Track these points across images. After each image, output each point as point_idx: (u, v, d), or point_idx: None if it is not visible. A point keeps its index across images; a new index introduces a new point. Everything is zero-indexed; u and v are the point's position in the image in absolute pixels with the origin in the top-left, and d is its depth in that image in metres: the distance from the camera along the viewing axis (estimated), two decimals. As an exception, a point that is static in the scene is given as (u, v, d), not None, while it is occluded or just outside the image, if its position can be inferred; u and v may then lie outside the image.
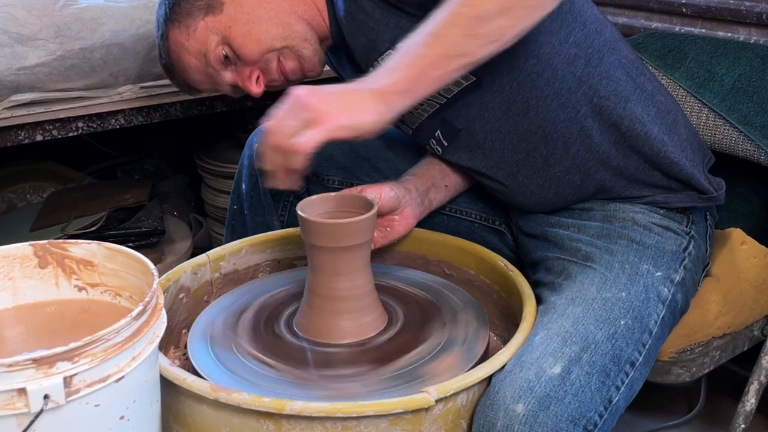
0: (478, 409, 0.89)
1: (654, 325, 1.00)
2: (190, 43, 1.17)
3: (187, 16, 1.17)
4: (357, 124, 0.90)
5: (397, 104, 0.92)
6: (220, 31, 1.16)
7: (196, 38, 1.17)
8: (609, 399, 0.92)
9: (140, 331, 0.75)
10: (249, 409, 0.83)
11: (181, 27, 1.17)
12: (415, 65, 0.91)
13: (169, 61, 1.22)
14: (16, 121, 1.37)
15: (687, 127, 1.15)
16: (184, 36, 1.17)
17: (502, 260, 1.12)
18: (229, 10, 1.16)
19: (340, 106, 0.90)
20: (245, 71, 1.18)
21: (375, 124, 0.91)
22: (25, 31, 1.35)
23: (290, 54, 1.18)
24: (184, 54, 1.19)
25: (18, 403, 0.67)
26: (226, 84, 1.21)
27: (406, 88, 0.91)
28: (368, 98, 0.91)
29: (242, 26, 1.15)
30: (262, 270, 1.22)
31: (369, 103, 0.91)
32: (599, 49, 1.07)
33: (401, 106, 0.93)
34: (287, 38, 1.16)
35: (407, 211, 1.15)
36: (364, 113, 0.90)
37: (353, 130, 0.90)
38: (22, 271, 0.87)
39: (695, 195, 1.12)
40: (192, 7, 1.16)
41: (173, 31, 1.18)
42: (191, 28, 1.17)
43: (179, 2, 1.17)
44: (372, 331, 1.03)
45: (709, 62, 1.30)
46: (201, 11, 1.16)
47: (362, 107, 0.90)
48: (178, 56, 1.20)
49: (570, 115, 1.07)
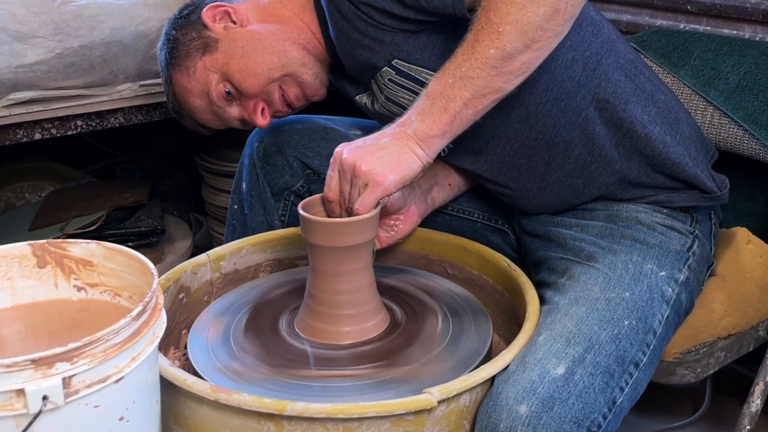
0: (480, 410, 0.89)
1: (658, 326, 0.99)
2: (192, 84, 1.19)
3: (185, 58, 1.18)
4: (405, 175, 0.97)
5: (437, 146, 0.98)
6: (218, 69, 1.17)
7: (197, 79, 1.18)
8: (613, 400, 0.91)
9: (140, 331, 0.74)
10: (250, 410, 0.83)
11: (182, 70, 1.19)
12: (448, 109, 0.95)
13: (177, 104, 1.24)
14: (15, 120, 1.36)
15: (689, 125, 1.14)
16: (186, 78, 1.19)
17: (505, 260, 1.12)
18: (224, 46, 1.17)
19: (386, 163, 0.96)
20: (249, 105, 1.19)
21: (420, 169, 0.98)
22: (23, 29, 1.34)
23: (291, 81, 1.18)
24: (189, 96, 1.20)
25: (16, 404, 0.67)
26: (234, 119, 1.22)
27: (444, 130, 0.97)
28: (409, 146, 0.97)
29: (238, 61, 1.16)
30: (263, 270, 1.22)
31: (410, 150, 0.97)
32: (597, 51, 1.07)
33: (440, 147, 0.99)
34: (284, 66, 1.16)
35: (412, 209, 1.16)
36: (410, 162, 0.97)
37: (404, 181, 0.98)
38: (20, 270, 0.87)
39: (699, 194, 1.11)
40: (189, 48, 1.18)
41: (175, 74, 1.20)
42: (191, 70, 1.18)
43: (177, 45, 1.19)
44: (374, 331, 1.02)
45: (714, 60, 1.29)
46: (198, 51, 1.18)
47: (405, 157, 0.97)
48: (184, 99, 1.22)
49: (570, 120, 1.07)
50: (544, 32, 0.92)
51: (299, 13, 1.18)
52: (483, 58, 0.93)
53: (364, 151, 0.97)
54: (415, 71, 1.08)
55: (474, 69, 0.93)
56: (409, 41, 1.06)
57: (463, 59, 0.94)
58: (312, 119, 1.32)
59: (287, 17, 1.18)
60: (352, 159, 0.97)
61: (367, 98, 1.19)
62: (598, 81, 1.07)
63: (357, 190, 0.97)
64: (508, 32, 0.91)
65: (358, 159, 0.96)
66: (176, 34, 1.19)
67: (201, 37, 1.18)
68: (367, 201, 0.97)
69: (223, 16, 1.19)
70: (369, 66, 1.10)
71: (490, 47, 0.92)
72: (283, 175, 1.27)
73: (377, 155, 0.96)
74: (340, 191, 0.99)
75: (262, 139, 1.29)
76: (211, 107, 1.20)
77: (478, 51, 0.93)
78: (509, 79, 0.95)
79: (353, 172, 0.97)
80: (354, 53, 1.10)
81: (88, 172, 2.05)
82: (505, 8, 0.91)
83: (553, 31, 0.93)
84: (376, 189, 0.96)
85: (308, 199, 1.05)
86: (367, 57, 1.09)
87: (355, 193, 0.98)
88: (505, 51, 0.92)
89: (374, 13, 1.04)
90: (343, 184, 0.99)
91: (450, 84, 0.95)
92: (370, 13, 1.04)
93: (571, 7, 0.92)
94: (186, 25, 1.19)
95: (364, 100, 1.20)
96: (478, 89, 0.94)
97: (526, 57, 0.93)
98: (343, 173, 0.98)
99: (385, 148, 0.97)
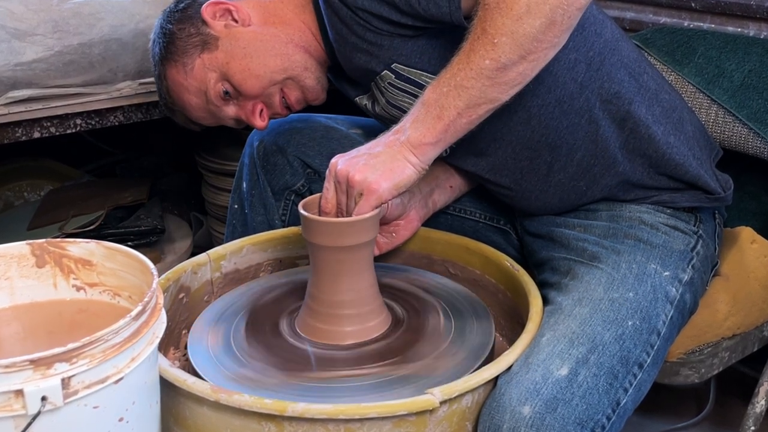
0: (483, 411, 0.89)
1: (662, 326, 0.99)
2: (188, 81, 1.17)
3: (182, 55, 1.16)
4: (399, 182, 0.97)
5: (430, 154, 0.98)
6: (217, 68, 1.15)
7: (194, 76, 1.16)
8: (617, 401, 0.91)
9: (139, 331, 0.74)
10: (250, 410, 0.83)
11: (178, 66, 1.16)
12: (442, 117, 0.95)
13: (169, 100, 1.22)
14: (14, 118, 1.36)
15: (693, 124, 1.14)
16: (182, 75, 1.16)
17: (507, 259, 1.12)
18: (224, 45, 1.15)
19: (379, 171, 0.96)
20: (248, 106, 1.18)
21: (414, 176, 0.98)
22: (22, 26, 1.34)
23: (294, 85, 1.17)
24: (184, 93, 1.18)
25: (15, 405, 0.67)
26: (230, 118, 1.20)
27: (437, 139, 0.96)
28: (402, 153, 0.97)
29: (240, 61, 1.14)
30: (264, 269, 1.21)
31: (403, 158, 0.97)
32: (600, 51, 1.07)
33: (434, 155, 0.98)
34: (287, 69, 1.15)
35: (412, 214, 1.15)
36: (403, 169, 0.97)
37: (398, 189, 0.98)
38: (19, 270, 0.87)
39: (702, 195, 1.11)
40: (187, 44, 1.15)
41: (170, 70, 1.17)
42: (188, 66, 1.16)
43: (173, 40, 1.16)
44: (375, 332, 1.02)
45: (719, 58, 1.29)
46: (197, 48, 1.15)
47: (398, 165, 0.97)
48: (177, 95, 1.19)
49: (573, 122, 1.06)
50: (540, 44, 0.92)
51: (299, 14, 1.17)
52: (478, 69, 0.93)
53: (357, 161, 0.97)
54: (415, 75, 1.08)
55: (469, 79, 0.93)
56: (408, 45, 1.06)
57: (459, 68, 0.94)
58: (313, 118, 1.32)
59: (289, 18, 1.17)
60: (345, 169, 0.97)
61: (367, 100, 1.18)
62: (602, 81, 1.06)
63: (353, 201, 0.97)
64: (504, 43, 0.91)
65: (351, 169, 0.96)
66: (172, 28, 1.16)
67: (200, 33, 1.15)
68: (362, 210, 0.97)
69: (224, 13, 1.16)
70: (368, 70, 1.10)
71: (486, 58, 0.92)
72: (284, 174, 1.26)
73: (370, 164, 0.96)
74: (337, 203, 0.99)
75: (262, 138, 1.28)
76: (207, 106, 1.18)
77: (473, 61, 0.93)
78: (504, 90, 0.94)
79: (347, 182, 0.97)
80: (353, 57, 1.10)
81: (87, 171, 2.05)
82: (500, 19, 0.90)
83: (549, 43, 0.92)
84: (371, 197, 0.96)
85: (309, 199, 1.05)
86: (366, 61, 1.09)
87: (351, 204, 0.98)
88: (500, 62, 0.92)
89: (372, 19, 1.04)
90: (340, 195, 0.99)
91: (445, 93, 0.95)
92: (368, 18, 1.04)
93: (568, 19, 0.91)
94: (183, 20, 1.16)
95: (364, 102, 1.19)
96: (473, 99, 0.94)
97: (521, 68, 0.93)
98: (338, 185, 0.98)
99: (377, 157, 0.97)
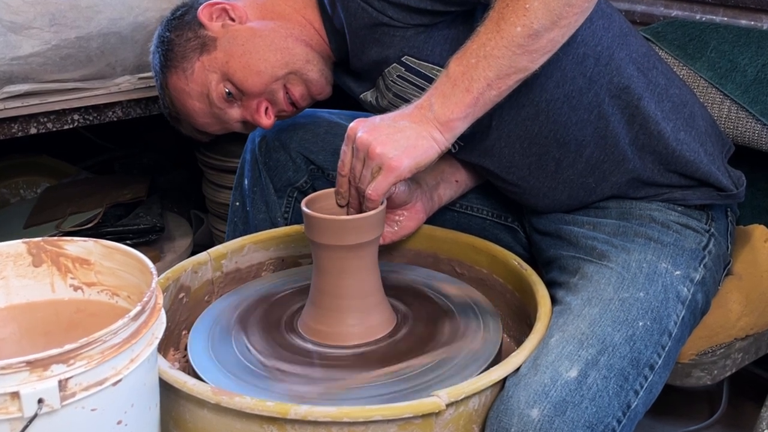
0: (491, 413, 0.88)
1: (674, 327, 0.98)
2: (190, 86, 1.16)
3: (182, 60, 1.15)
4: (420, 160, 0.95)
5: (458, 130, 0.96)
6: (218, 69, 1.14)
7: (195, 80, 1.15)
8: (627, 404, 0.90)
9: (138, 332, 0.74)
10: (252, 413, 0.82)
11: (178, 72, 1.16)
12: (470, 90, 0.94)
13: (174, 109, 1.21)
14: (10, 114, 1.36)
15: (704, 119, 1.13)
16: (183, 81, 1.16)
17: (515, 258, 1.11)
18: (223, 44, 1.14)
19: (402, 147, 0.94)
20: (252, 105, 1.17)
21: (436, 155, 0.96)
22: (18, 19, 1.33)
23: (296, 79, 1.16)
24: (187, 99, 1.17)
25: (11, 408, 0.66)
26: (235, 121, 1.19)
27: (466, 113, 0.95)
28: (428, 130, 0.95)
29: (239, 59, 1.13)
30: (266, 269, 1.21)
31: (429, 135, 0.95)
32: (608, 45, 1.06)
33: (460, 131, 0.97)
34: (288, 63, 1.14)
35: (418, 205, 1.14)
36: (427, 148, 0.95)
37: (418, 167, 0.96)
38: (15, 269, 0.87)
39: (714, 192, 1.10)
40: (185, 49, 1.15)
41: (171, 77, 1.17)
42: (188, 71, 1.15)
43: (172, 47, 1.16)
44: (380, 332, 1.01)
45: (732, 52, 1.29)
46: (195, 51, 1.15)
47: (423, 142, 0.94)
48: (181, 103, 1.19)
49: (582, 117, 1.06)
50: (572, 8, 0.92)
51: (300, 9, 1.16)
52: (509, 37, 0.92)
53: (379, 133, 0.95)
54: (425, 68, 1.07)
55: (499, 48, 0.92)
56: (421, 37, 1.05)
57: (487, 38, 0.93)
58: (315, 114, 1.31)
59: (288, 13, 1.16)
60: (367, 139, 0.95)
61: (371, 95, 1.18)
62: (611, 76, 1.05)
63: (369, 172, 0.96)
64: (536, 9, 0.91)
65: (373, 140, 0.94)
66: (170, 35, 1.16)
67: (198, 36, 1.15)
68: (380, 186, 0.95)
69: (221, 13, 1.16)
70: (379, 62, 1.09)
71: (517, 24, 0.91)
72: (286, 170, 1.25)
73: (393, 138, 0.94)
74: (352, 168, 0.98)
75: (264, 134, 1.28)
76: (211, 109, 1.17)
77: (504, 29, 0.92)
78: (535, 58, 0.93)
79: (367, 152, 0.95)
80: (365, 49, 1.09)
81: (85, 167, 2.05)
82: None
83: (580, 8, 0.93)
84: (390, 174, 0.94)
85: (312, 196, 1.04)
86: (378, 52, 1.08)
87: (367, 174, 0.96)
88: (532, 28, 0.91)
89: (388, 8, 1.03)
90: (356, 162, 0.97)
91: (473, 64, 0.93)
92: (384, 8, 1.03)
93: None
94: (180, 26, 1.16)
95: (368, 98, 1.18)
96: (503, 69, 0.93)
97: (552, 35, 0.92)
98: (356, 152, 0.96)
99: (402, 131, 0.95)
